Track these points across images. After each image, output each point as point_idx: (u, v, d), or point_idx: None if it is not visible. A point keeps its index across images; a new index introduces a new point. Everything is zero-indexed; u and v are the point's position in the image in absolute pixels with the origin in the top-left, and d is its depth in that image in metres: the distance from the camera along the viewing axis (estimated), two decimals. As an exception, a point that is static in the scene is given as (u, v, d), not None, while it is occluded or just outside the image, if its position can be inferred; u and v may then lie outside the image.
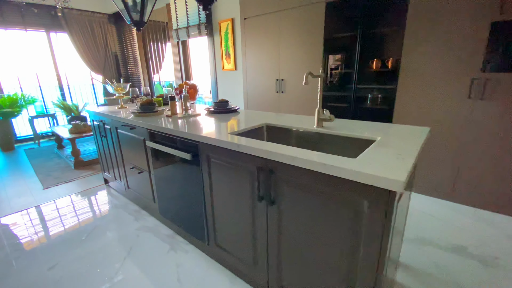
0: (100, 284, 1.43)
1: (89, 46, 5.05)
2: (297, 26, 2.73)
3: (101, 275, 1.50)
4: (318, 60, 2.66)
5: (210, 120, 1.69)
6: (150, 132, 1.69)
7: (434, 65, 2.06)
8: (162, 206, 1.85)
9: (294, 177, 0.96)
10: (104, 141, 2.37)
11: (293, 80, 2.93)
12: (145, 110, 1.96)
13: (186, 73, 4.45)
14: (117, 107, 2.43)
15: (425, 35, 2.05)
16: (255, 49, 3.18)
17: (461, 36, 1.90)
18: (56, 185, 2.77)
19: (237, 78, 3.62)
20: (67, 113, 3.71)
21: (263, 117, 1.71)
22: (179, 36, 4.07)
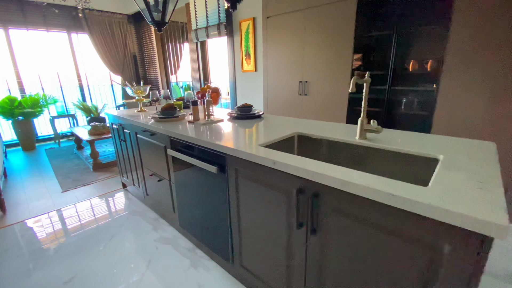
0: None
1: (108, 46, 5.07)
2: (325, 24, 2.56)
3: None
4: (346, 61, 2.48)
5: (234, 127, 1.56)
6: (172, 140, 1.58)
7: (484, 67, 1.83)
8: (182, 217, 1.75)
9: (346, 205, 0.81)
10: (123, 145, 2.30)
11: (319, 82, 2.76)
12: (166, 115, 1.86)
13: (204, 74, 4.37)
14: (136, 110, 2.36)
15: (473, 32, 1.82)
16: (277, 49, 3.03)
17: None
18: (74, 188, 2.74)
19: (257, 79, 3.49)
20: (86, 114, 3.72)
21: (292, 125, 1.56)
22: (198, 37, 3.99)
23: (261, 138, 1.28)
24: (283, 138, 1.32)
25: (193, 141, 1.38)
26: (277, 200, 1.03)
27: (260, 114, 1.90)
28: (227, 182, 1.25)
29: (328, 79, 2.66)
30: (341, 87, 2.60)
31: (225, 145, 1.18)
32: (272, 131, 1.42)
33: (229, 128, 1.54)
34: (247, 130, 1.48)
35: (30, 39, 4.45)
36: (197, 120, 1.77)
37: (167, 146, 1.67)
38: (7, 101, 4.01)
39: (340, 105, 2.65)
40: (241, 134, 1.38)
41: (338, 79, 2.60)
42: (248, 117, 1.85)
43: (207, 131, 1.49)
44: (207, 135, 1.39)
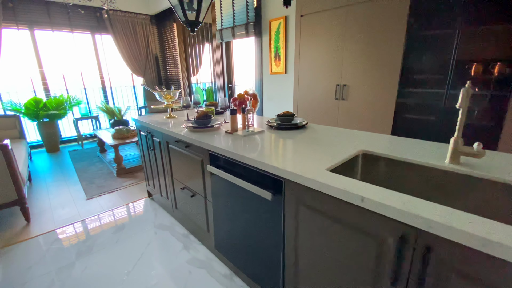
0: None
1: (131, 47, 5.02)
2: (370, 22, 2.31)
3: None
4: (394, 62, 2.22)
5: (281, 141, 1.36)
6: (212, 155, 1.40)
7: None
8: (218, 239, 1.57)
9: (480, 270, 0.59)
10: (151, 154, 2.15)
11: (359, 85, 2.51)
12: (201, 125, 1.68)
13: (228, 76, 4.20)
14: (165, 117, 2.21)
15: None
16: (311, 50, 2.81)
17: None
18: (99, 195, 2.64)
19: (286, 82, 3.27)
20: (110, 117, 3.66)
21: (348, 138, 1.34)
22: (223, 37, 3.82)
23: (322, 158, 1.07)
24: (348, 159, 1.10)
25: (239, 159, 1.19)
26: (358, 243, 0.82)
27: (304, 124, 1.68)
28: (283, 210, 1.05)
29: (371, 82, 2.41)
30: (387, 92, 2.34)
31: (283, 168, 0.98)
32: (330, 148, 1.21)
33: (276, 142, 1.34)
34: (300, 145, 1.28)
35: (55, 40, 4.45)
36: (235, 131, 1.58)
37: (204, 160, 1.49)
38: (32, 103, 4.01)
39: (385, 113, 2.39)
40: (295, 151, 1.18)
41: (383, 83, 2.34)
42: (291, 127, 1.64)
43: (251, 145, 1.29)
44: (253, 151, 1.20)
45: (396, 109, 2.33)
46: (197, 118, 1.71)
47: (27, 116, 4.03)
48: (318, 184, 0.87)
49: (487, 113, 1.98)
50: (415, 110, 2.29)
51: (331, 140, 1.35)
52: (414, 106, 2.29)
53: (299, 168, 0.97)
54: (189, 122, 1.77)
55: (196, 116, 1.72)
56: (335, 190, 0.82)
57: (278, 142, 1.35)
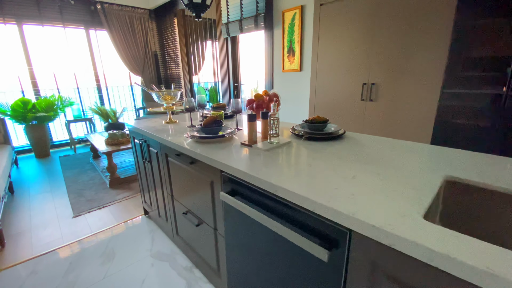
0: None
1: (128, 44, 4.66)
2: (407, 11, 1.95)
3: None
4: (437, 58, 1.86)
5: (323, 160, 0.99)
6: (226, 176, 1.04)
7: None
8: (234, 284, 1.20)
9: None
10: (147, 166, 1.79)
11: (391, 84, 2.15)
12: (209, 134, 1.32)
13: (234, 74, 3.84)
14: (164, 121, 1.85)
15: None
16: (332, 44, 2.44)
17: None
18: (87, 211, 2.28)
19: (301, 80, 2.91)
20: (104, 119, 3.31)
21: (410, 154, 0.97)
22: (230, 32, 3.46)
23: (400, 192, 0.71)
24: (437, 192, 0.74)
25: (269, 188, 0.83)
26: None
27: (341, 134, 1.32)
28: (344, 278, 0.69)
29: (406, 80, 2.05)
30: (426, 92, 1.98)
31: (352, 215, 0.61)
32: (400, 172, 0.84)
33: (316, 162, 0.97)
34: (354, 167, 0.91)
35: (45, 36, 4.09)
36: (254, 143, 1.22)
37: (215, 182, 1.13)
38: (20, 104, 3.65)
39: (424, 117, 2.03)
40: (354, 180, 0.81)
41: (422, 81, 1.98)
42: (325, 137, 1.28)
43: (282, 167, 0.93)
44: (289, 176, 0.83)
45: (438, 113, 1.96)
46: (204, 125, 1.34)
47: (13, 119, 3.67)
48: (423, 250, 0.50)
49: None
50: (462, 114, 1.92)
51: (390, 157, 0.99)
52: (461, 109, 1.92)
53: (377, 215, 0.61)
54: (193, 129, 1.41)
55: (203, 123, 1.36)
56: (463, 266, 0.45)
57: (319, 161, 0.98)
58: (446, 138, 1.99)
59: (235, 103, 1.52)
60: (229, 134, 1.33)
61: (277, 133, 1.20)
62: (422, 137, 2.07)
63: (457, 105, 1.93)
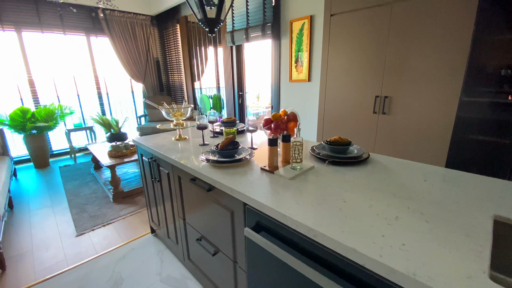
0: None
1: (130, 51, 4.59)
2: (422, 23, 1.90)
3: None
4: (455, 72, 1.81)
5: (359, 191, 0.92)
6: (251, 210, 0.96)
7: None
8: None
9: None
10: (156, 186, 1.71)
11: (405, 97, 2.10)
12: (227, 157, 1.25)
13: (239, 82, 3.78)
14: (173, 138, 1.77)
15: None
16: (343, 55, 2.39)
17: None
18: (91, 229, 2.19)
19: (309, 91, 2.86)
20: (106, 129, 3.24)
21: (447, 184, 0.91)
22: (235, 40, 3.40)
23: (463, 243, 0.64)
24: (492, 239, 0.67)
25: (307, 233, 0.76)
26: None
27: (366, 157, 1.25)
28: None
29: (421, 94, 2.00)
30: (443, 107, 1.92)
31: (411, 275, 0.54)
32: (439, 210, 0.78)
33: (350, 196, 0.90)
34: (395, 205, 0.84)
35: (45, 43, 4.00)
36: (275, 168, 1.15)
37: (236, 214, 1.05)
38: (19, 113, 3.56)
39: (440, 132, 1.97)
40: (397, 220, 0.74)
41: (438, 96, 1.93)
42: (350, 161, 1.21)
43: (315, 202, 0.86)
44: (325, 217, 0.77)
45: (455, 127, 1.91)
46: (222, 147, 1.27)
47: (12, 129, 3.57)
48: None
49: None
50: (482, 128, 1.87)
51: (427, 189, 0.92)
52: (480, 123, 1.88)
53: (440, 276, 0.54)
54: (208, 152, 1.34)
55: (219, 145, 1.29)
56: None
57: (353, 195, 0.92)
58: (463, 154, 1.94)
59: (249, 122, 1.46)
60: (247, 157, 1.26)
61: (300, 159, 1.14)
62: (436, 152, 2.01)
63: (477, 119, 1.88)
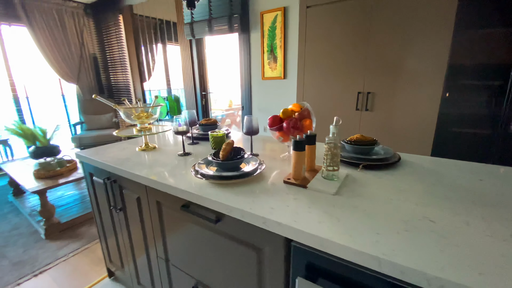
0: None
1: (58, 45, 3.73)
2: (403, 17, 1.85)
3: None
4: (437, 66, 1.80)
5: (435, 207, 0.70)
6: (304, 251, 0.65)
7: None
8: None
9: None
10: (117, 216, 1.24)
11: (389, 93, 2.04)
12: (230, 170, 0.91)
13: (201, 81, 3.36)
14: (138, 148, 1.32)
15: None
16: (322, 50, 2.25)
17: None
18: (16, 283, 1.54)
19: (285, 89, 2.65)
20: (29, 142, 2.46)
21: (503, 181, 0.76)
22: (195, 33, 3.00)
23: None
24: None
25: (421, 283, 0.48)
26: None
27: (399, 158, 1.06)
28: None
29: (404, 89, 1.96)
30: (426, 101, 1.91)
31: None
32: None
33: (430, 210, 0.67)
34: (490, 218, 0.64)
35: None
36: (304, 181, 0.86)
37: (268, 255, 0.72)
38: None
39: (425, 127, 1.96)
40: None
41: (421, 90, 1.91)
42: (384, 164, 1.00)
43: (391, 226, 0.60)
44: (422, 249, 0.51)
45: (439, 122, 1.92)
46: (225, 156, 0.92)
47: None
48: None
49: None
50: (462, 122, 1.92)
51: (494, 190, 0.75)
52: (461, 117, 1.92)
53: None
54: (203, 165, 0.97)
55: (221, 154, 0.93)
56: None
57: (431, 209, 0.68)
58: (446, 146, 1.96)
59: (249, 121, 1.14)
60: (260, 167, 0.94)
61: (338, 166, 0.87)
62: (422, 146, 2.00)
63: (457, 113, 1.92)
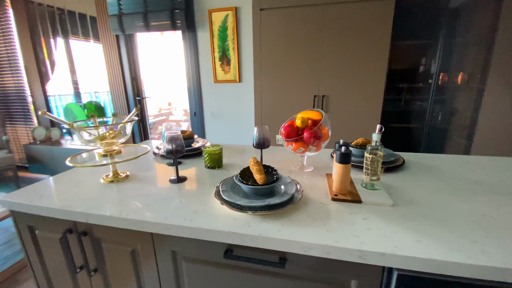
0: None
1: None
2: (351, 26, 2.05)
3: None
4: (380, 71, 2.07)
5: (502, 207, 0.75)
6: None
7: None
8: None
9: None
10: (88, 281, 0.87)
11: (342, 96, 2.22)
12: (265, 195, 0.76)
13: (133, 83, 2.84)
14: (103, 179, 0.97)
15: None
16: (278, 54, 2.25)
17: None
18: None
19: (241, 93, 2.54)
20: None
21: None
22: (125, 27, 2.51)
23: None
24: None
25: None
26: None
27: (401, 163, 1.12)
28: None
29: (356, 93, 2.18)
30: (372, 102, 2.17)
31: None
32: None
33: (503, 211, 0.72)
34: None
35: None
36: (354, 195, 0.80)
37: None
38: None
39: (371, 124, 2.22)
40: None
41: (368, 91, 2.16)
42: (394, 166, 1.05)
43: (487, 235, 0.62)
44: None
45: (382, 119, 2.21)
46: (264, 180, 0.76)
47: None
48: None
49: (460, 117, 2.20)
50: (399, 118, 2.26)
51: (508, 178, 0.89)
52: (398, 114, 2.26)
53: None
54: (229, 193, 0.77)
55: (257, 177, 0.76)
56: None
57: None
58: (388, 140, 2.29)
59: (261, 132, 1.00)
60: (298, 188, 0.82)
61: (379, 175, 0.84)
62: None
63: (395, 111, 2.25)
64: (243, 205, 0.71)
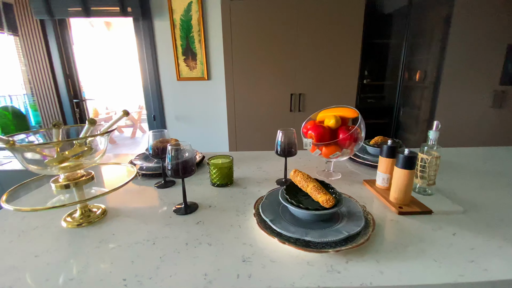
0: None
1: None
2: (325, 23, 2.01)
3: None
4: (353, 69, 2.09)
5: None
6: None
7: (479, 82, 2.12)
8: None
9: None
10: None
11: (318, 94, 2.18)
12: (324, 221, 0.58)
13: (70, 85, 2.26)
14: (64, 222, 0.63)
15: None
16: (252, 49, 2.08)
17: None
18: None
19: (210, 91, 2.26)
20: None
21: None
22: (54, 10, 1.95)
23: None
24: None
25: None
26: None
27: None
28: None
29: (331, 90, 2.16)
30: (347, 99, 2.19)
31: None
32: None
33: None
34: None
35: None
36: (419, 204, 0.68)
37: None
38: None
39: (349, 121, 2.23)
40: None
41: (342, 91, 2.16)
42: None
43: None
44: None
45: (357, 116, 2.25)
46: (332, 202, 0.57)
47: None
48: None
49: (426, 108, 2.38)
50: (371, 114, 2.33)
51: None
52: (370, 110, 2.33)
53: None
54: (277, 224, 0.55)
55: (327, 199, 0.57)
56: None
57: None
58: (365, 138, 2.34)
59: (286, 136, 0.82)
60: (360, 205, 0.66)
61: (434, 181, 0.75)
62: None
63: (367, 107, 2.32)
64: (316, 242, 0.51)
